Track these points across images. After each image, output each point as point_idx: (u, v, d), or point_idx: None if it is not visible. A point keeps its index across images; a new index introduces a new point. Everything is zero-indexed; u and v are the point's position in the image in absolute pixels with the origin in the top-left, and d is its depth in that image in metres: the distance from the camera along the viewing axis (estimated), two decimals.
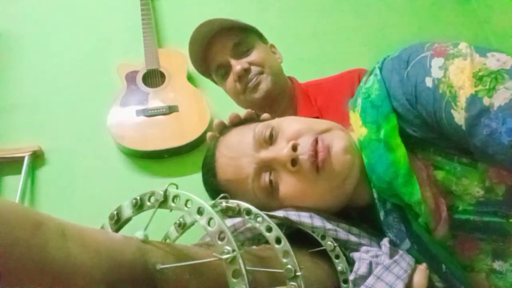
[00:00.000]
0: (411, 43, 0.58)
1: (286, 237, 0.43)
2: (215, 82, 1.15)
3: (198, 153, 1.59)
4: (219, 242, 0.34)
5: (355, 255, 0.52)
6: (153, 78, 1.65)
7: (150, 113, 1.56)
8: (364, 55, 1.77)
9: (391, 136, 0.53)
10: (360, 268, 0.49)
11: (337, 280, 0.53)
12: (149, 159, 1.57)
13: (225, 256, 0.32)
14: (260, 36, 1.10)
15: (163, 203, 0.38)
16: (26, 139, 1.52)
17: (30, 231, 0.28)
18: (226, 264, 0.33)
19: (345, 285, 0.52)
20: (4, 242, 0.26)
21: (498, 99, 0.45)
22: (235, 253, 0.33)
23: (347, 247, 0.55)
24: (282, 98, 1.06)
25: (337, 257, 0.53)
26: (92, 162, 1.55)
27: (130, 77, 1.63)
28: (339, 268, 0.52)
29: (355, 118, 0.61)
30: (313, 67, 1.73)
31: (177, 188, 0.39)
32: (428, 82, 0.50)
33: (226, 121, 0.70)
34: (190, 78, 1.67)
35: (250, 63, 1.02)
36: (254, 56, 1.03)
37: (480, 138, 0.46)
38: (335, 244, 0.53)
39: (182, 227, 0.48)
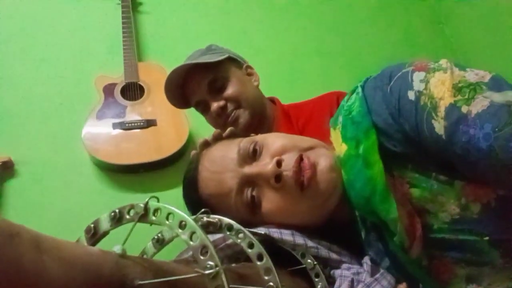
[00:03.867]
0: (389, 64, 0.60)
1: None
2: None
3: (175, 169, 1.57)
4: (201, 257, 0.33)
5: (336, 272, 0.52)
6: (132, 91, 1.63)
7: (127, 127, 1.53)
8: (342, 77, 1.81)
9: (369, 152, 0.54)
10: (342, 285, 0.49)
11: None
12: (124, 173, 1.53)
13: (207, 272, 0.31)
14: (234, 61, 1.11)
15: (143, 216, 0.37)
16: None
17: (3, 242, 0.26)
18: (209, 280, 0.32)
19: None
20: None
21: (476, 107, 0.46)
22: (218, 268, 0.32)
23: (327, 265, 0.55)
24: (263, 123, 1.09)
25: (317, 275, 0.53)
26: (64, 175, 1.50)
27: (108, 90, 1.61)
28: (318, 287, 0.52)
29: (335, 135, 0.61)
30: (291, 87, 1.76)
31: (158, 201, 0.38)
32: (411, 95, 0.52)
33: (209, 139, 0.69)
34: None
35: (227, 99, 1.05)
36: (229, 90, 1.05)
37: (460, 145, 0.47)
38: (315, 262, 0.53)
39: (161, 243, 0.47)
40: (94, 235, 0.39)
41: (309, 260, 0.53)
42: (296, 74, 1.85)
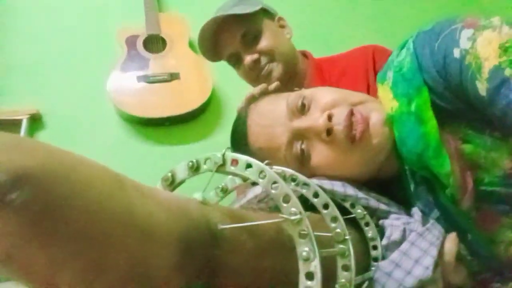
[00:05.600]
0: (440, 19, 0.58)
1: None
2: None
3: (199, 122, 1.59)
4: (284, 205, 0.34)
5: (386, 222, 0.54)
6: (154, 43, 1.61)
7: (151, 80, 1.53)
8: (368, 29, 1.76)
9: (422, 109, 0.54)
10: (393, 234, 0.51)
11: (366, 247, 0.55)
12: (150, 126, 1.56)
13: (293, 217, 0.33)
14: (266, 13, 1.09)
15: (221, 166, 0.39)
16: (23, 101, 1.48)
17: (116, 188, 0.28)
18: (293, 225, 0.34)
19: (374, 251, 0.54)
20: (98, 197, 0.26)
21: None
22: (301, 215, 0.34)
23: (375, 215, 0.57)
24: (295, 77, 1.08)
25: (367, 224, 0.55)
26: (91, 127, 1.53)
27: (131, 42, 1.59)
28: (369, 234, 0.54)
29: (383, 91, 0.61)
30: (315, 39, 1.71)
31: (226, 152, 0.39)
32: (456, 53, 0.51)
33: (256, 93, 0.70)
34: (192, 45, 1.64)
35: (260, 52, 1.03)
36: (263, 43, 1.03)
37: (500, 108, 0.47)
38: (365, 212, 0.55)
39: (224, 191, 0.49)
40: (172, 183, 0.41)
41: (359, 210, 0.55)
42: (320, 25, 1.80)
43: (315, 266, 0.32)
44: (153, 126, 1.56)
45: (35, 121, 1.48)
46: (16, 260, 0.21)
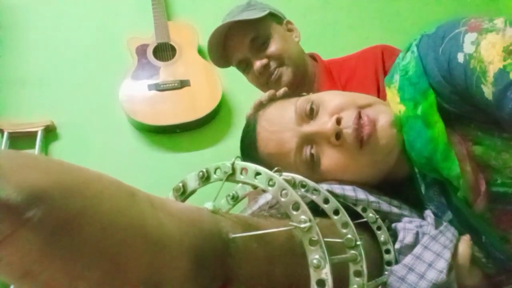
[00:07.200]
0: (447, 20, 0.58)
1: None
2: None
3: (211, 128, 1.61)
4: (294, 212, 0.35)
5: (399, 225, 0.54)
6: (164, 51, 1.64)
7: (162, 88, 1.55)
8: (374, 29, 1.76)
9: (429, 113, 0.54)
10: (406, 237, 0.51)
11: (379, 251, 0.55)
12: (162, 133, 1.58)
13: (303, 225, 0.34)
14: (275, 17, 1.10)
15: (231, 175, 0.39)
16: (38, 113, 1.51)
17: (128, 201, 0.29)
18: (303, 233, 0.34)
19: (387, 255, 0.54)
20: (110, 211, 0.26)
21: None
22: (311, 222, 0.34)
23: (387, 219, 0.57)
24: (305, 81, 1.08)
25: (379, 228, 0.55)
26: (104, 136, 1.56)
27: (141, 51, 1.62)
28: (381, 238, 0.54)
29: (391, 94, 0.61)
30: (322, 41, 1.71)
31: (236, 161, 0.40)
32: (460, 58, 0.51)
33: (264, 99, 0.70)
34: (201, 52, 1.65)
35: (269, 57, 1.03)
36: (272, 47, 1.04)
37: (507, 111, 0.47)
38: (377, 216, 0.55)
39: (235, 199, 0.49)
40: (183, 193, 0.41)
41: (370, 214, 0.55)
42: (327, 27, 1.80)
43: (326, 273, 0.32)
44: (164, 134, 1.58)
45: (50, 132, 1.52)
46: (34, 276, 0.21)
